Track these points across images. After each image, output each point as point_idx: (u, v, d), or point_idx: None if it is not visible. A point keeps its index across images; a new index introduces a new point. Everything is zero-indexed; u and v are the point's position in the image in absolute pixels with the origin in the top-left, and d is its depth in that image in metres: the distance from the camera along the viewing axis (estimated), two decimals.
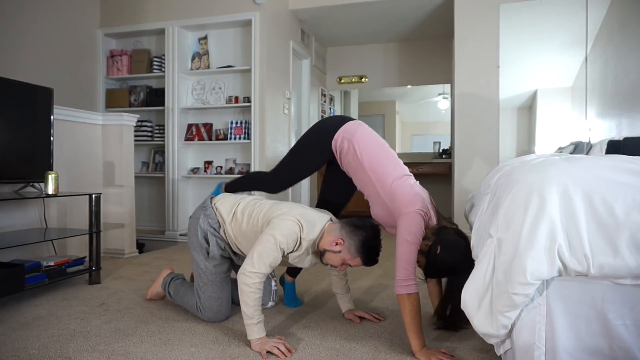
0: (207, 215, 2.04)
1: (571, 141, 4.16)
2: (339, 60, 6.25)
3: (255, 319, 1.72)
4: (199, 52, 4.49)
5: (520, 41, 4.41)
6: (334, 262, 1.82)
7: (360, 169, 1.91)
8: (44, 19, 3.90)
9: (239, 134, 4.30)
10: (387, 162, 1.90)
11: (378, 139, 1.98)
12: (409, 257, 1.71)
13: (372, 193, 1.91)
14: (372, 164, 1.88)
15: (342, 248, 1.78)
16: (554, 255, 1.23)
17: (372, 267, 3.18)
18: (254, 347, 1.72)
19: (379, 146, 1.94)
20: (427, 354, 1.64)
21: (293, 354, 1.70)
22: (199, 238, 2.02)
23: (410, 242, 1.71)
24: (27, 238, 2.55)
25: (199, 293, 2.03)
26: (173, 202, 4.38)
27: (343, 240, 1.78)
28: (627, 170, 1.28)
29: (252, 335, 1.72)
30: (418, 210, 1.76)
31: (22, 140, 2.68)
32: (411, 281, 1.69)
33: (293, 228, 1.77)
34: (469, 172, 4.25)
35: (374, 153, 1.90)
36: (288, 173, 2.17)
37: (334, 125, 2.00)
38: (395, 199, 1.81)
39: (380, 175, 1.87)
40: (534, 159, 1.62)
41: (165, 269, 2.40)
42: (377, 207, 1.93)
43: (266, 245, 1.74)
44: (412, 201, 1.78)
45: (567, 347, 1.28)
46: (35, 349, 1.74)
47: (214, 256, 2.01)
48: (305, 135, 2.12)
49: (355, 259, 1.79)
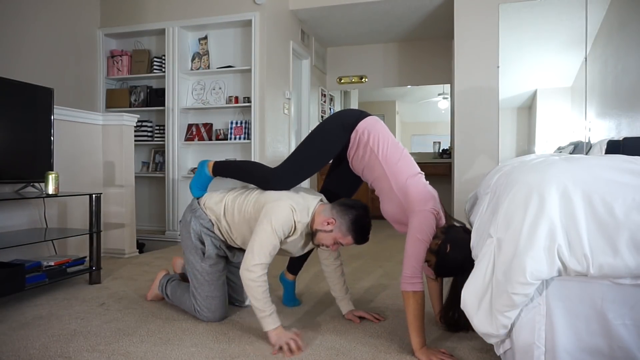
0: (197, 216, 2.04)
1: (571, 141, 4.17)
2: (339, 60, 6.25)
3: (268, 311, 1.74)
4: (199, 52, 4.50)
5: (520, 41, 4.42)
6: (326, 241, 1.84)
7: (376, 163, 1.89)
8: (44, 19, 3.91)
9: (239, 134, 4.30)
10: (402, 159, 1.89)
11: (393, 137, 1.98)
12: (419, 254, 1.71)
13: (385, 188, 1.89)
14: (388, 159, 1.87)
15: (333, 227, 1.81)
16: (554, 255, 1.23)
17: (372, 267, 3.18)
18: (270, 338, 1.74)
19: (395, 142, 1.94)
20: (426, 354, 1.65)
21: (299, 353, 1.70)
22: (193, 240, 2.02)
23: (421, 240, 1.71)
24: (28, 238, 2.55)
25: (195, 294, 2.03)
26: (173, 202, 4.38)
27: (334, 220, 1.81)
28: (626, 170, 1.28)
29: (268, 326, 1.75)
30: (431, 209, 1.76)
31: (23, 140, 2.69)
32: (418, 279, 1.69)
33: (287, 213, 1.79)
34: (469, 172, 4.25)
35: (391, 148, 1.90)
36: (302, 165, 1.99)
37: (354, 117, 1.95)
38: (409, 195, 1.81)
39: (395, 170, 1.86)
40: (533, 159, 1.62)
41: (161, 271, 2.41)
42: (388, 203, 1.91)
43: (263, 235, 1.76)
44: (425, 199, 1.78)
45: (567, 346, 1.28)
46: (35, 348, 1.74)
47: (210, 256, 2.02)
48: (322, 126, 2.02)
49: (346, 237, 1.81)
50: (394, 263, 3.35)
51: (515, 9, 4.15)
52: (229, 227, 1.99)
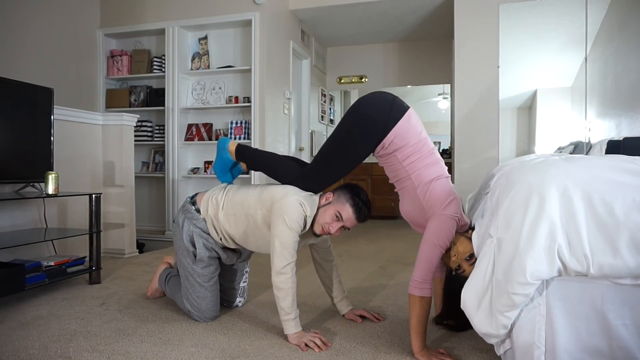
0: (189, 218, 2.02)
1: (571, 141, 4.17)
2: (339, 60, 6.25)
3: (293, 314, 1.78)
4: (199, 52, 4.49)
5: (520, 41, 4.42)
6: (325, 217, 1.83)
7: (400, 168, 1.80)
8: (44, 19, 3.91)
9: (239, 134, 4.30)
10: (430, 165, 1.77)
11: (425, 138, 1.81)
12: (432, 259, 1.65)
13: (408, 187, 1.81)
14: (414, 166, 1.76)
15: (332, 199, 1.86)
16: (554, 255, 1.23)
17: (372, 267, 3.18)
18: (291, 341, 1.78)
19: (425, 149, 1.78)
20: (427, 355, 1.64)
21: (326, 348, 1.74)
22: (185, 242, 2.00)
23: (437, 245, 1.65)
24: (27, 238, 2.55)
25: (187, 294, 2.03)
26: (173, 202, 4.38)
27: (332, 194, 1.89)
28: (626, 170, 1.29)
29: (290, 329, 1.78)
30: (453, 215, 1.68)
31: (23, 140, 2.68)
32: (428, 284, 1.65)
33: (297, 208, 1.80)
34: (469, 172, 4.25)
35: (419, 157, 1.76)
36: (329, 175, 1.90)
37: (382, 124, 1.74)
38: (432, 197, 1.72)
39: (420, 174, 1.76)
40: (533, 159, 1.62)
41: (161, 264, 2.41)
42: (408, 202, 1.84)
43: (282, 235, 1.78)
44: (449, 204, 1.70)
45: (567, 346, 1.28)
46: (35, 348, 1.74)
47: (202, 258, 2.00)
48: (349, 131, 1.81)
49: (344, 205, 1.83)
50: (394, 263, 3.35)
51: (515, 9, 4.15)
52: (227, 223, 1.96)
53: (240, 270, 2.26)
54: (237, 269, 2.25)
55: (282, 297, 1.77)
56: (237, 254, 2.14)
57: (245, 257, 2.22)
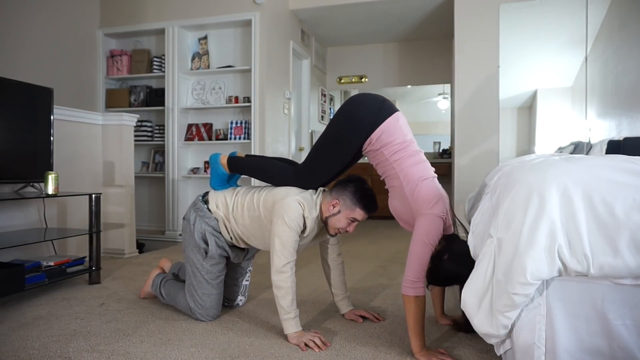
0: (202, 216, 2.04)
1: (571, 141, 4.16)
2: (339, 60, 6.25)
3: (293, 313, 1.79)
4: (199, 52, 4.49)
5: (520, 41, 4.41)
6: (340, 224, 1.86)
7: (387, 164, 1.84)
8: (44, 19, 3.90)
9: (239, 134, 4.30)
10: (417, 164, 1.82)
11: (411, 139, 1.87)
12: (423, 258, 1.68)
13: (395, 186, 1.85)
14: (401, 164, 1.81)
15: (339, 207, 1.85)
16: (554, 255, 1.23)
17: (372, 267, 3.18)
18: (291, 340, 1.78)
19: (411, 149, 1.84)
20: (427, 355, 1.64)
21: (326, 348, 1.74)
22: (197, 239, 2.02)
23: (427, 243, 1.68)
24: (27, 238, 2.55)
25: (192, 291, 2.04)
26: (173, 202, 4.38)
27: (337, 200, 1.85)
28: (627, 170, 1.28)
29: (290, 329, 1.79)
30: (440, 214, 1.72)
31: (22, 140, 2.68)
32: (420, 283, 1.67)
33: (296, 207, 1.82)
34: (469, 172, 4.24)
35: (405, 156, 1.82)
36: (321, 172, 1.95)
37: (370, 122, 1.81)
38: (419, 197, 1.76)
39: (408, 172, 1.80)
40: (533, 159, 1.62)
41: (154, 269, 2.41)
42: (396, 200, 1.86)
43: (282, 234, 1.79)
44: (435, 203, 1.73)
45: (567, 347, 1.28)
46: (35, 349, 1.74)
47: (213, 256, 2.02)
48: (337, 129, 1.89)
49: (354, 210, 1.84)
50: (394, 263, 3.35)
51: (515, 9, 4.15)
52: (237, 225, 2.00)
53: (244, 268, 2.27)
54: (241, 266, 2.27)
55: (281, 295, 1.78)
56: (244, 252, 2.18)
57: (250, 256, 2.25)
